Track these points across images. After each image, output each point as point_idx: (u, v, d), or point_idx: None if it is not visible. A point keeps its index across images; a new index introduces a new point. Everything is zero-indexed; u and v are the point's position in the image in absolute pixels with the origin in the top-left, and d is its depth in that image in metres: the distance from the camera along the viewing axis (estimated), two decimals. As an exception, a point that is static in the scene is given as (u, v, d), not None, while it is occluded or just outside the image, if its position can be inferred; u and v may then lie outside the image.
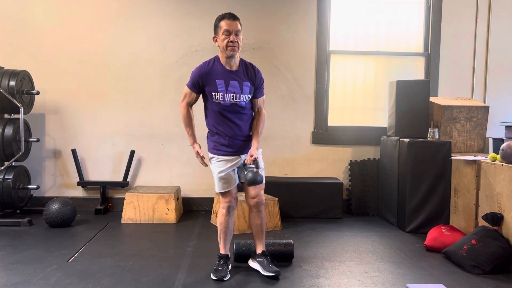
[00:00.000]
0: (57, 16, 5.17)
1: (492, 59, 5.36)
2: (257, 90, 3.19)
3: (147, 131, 5.26)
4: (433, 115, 4.87)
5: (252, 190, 3.19)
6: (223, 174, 3.13)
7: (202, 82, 3.11)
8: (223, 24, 3.05)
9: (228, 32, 3.03)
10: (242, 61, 3.18)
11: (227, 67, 3.12)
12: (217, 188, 3.18)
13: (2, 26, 5.14)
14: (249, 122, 3.22)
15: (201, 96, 3.21)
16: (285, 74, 5.29)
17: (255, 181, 3.01)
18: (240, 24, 3.10)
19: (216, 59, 3.15)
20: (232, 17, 3.07)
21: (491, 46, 5.36)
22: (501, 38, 5.36)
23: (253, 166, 3.05)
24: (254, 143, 3.17)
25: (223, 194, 3.18)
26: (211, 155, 3.21)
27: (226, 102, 3.09)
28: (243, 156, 3.17)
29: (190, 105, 3.20)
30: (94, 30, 5.19)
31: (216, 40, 3.11)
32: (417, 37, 5.46)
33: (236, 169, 3.19)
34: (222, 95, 3.08)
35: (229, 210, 3.17)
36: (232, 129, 3.14)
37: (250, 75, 3.15)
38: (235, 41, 3.03)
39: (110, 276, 3.18)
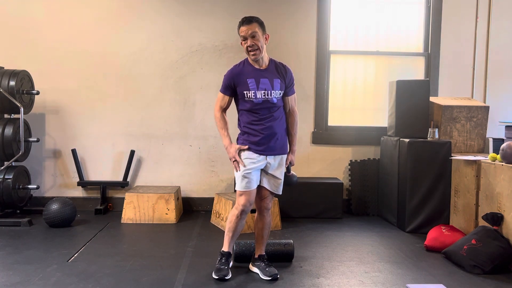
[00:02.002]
0: (57, 16, 5.16)
1: (492, 59, 5.36)
2: (288, 87, 3.23)
3: (147, 131, 5.26)
4: (433, 115, 4.87)
5: (263, 195, 3.22)
6: (248, 172, 3.11)
7: (234, 83, 3.15)
8: (240, 31, 3.10)
9: (244, 38, 3.09)
10: (272, 60, 3.22)
11: (257, 66, 3.16)
12: (238, 186, 3.15)
13: (2, 26, 5.14)
14: (279, 120, 3.20)
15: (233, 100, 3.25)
16: (285, 74, 5.29)
17: (290, 183, 3.34)
18: (259, 23, 3.10)
19: (245, 60, 3.21)
20: (245, 21, 3.09)
21: (491, 46, 5.36)
22: (501, 38, 5.36)
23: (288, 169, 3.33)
24: (291, 148, 3.32)
25: (241, 195, 3.14)
26: None
27: (258, 99, 3.12)
28: (269, 158, 3.17)
29: (223, 109, 3.23)
30: (94, 30, 5.19)
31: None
32: (417, 37, 5.46)
33: (260, 171, 3.19)
34: (253, 92, 3.11)
35: (241, 213, 3.16)
36: (264, 126, 3.14)
37: (280, 71, 3.19)
38: (252, 44, 3.06)
39: (110, 276, 3.18)
